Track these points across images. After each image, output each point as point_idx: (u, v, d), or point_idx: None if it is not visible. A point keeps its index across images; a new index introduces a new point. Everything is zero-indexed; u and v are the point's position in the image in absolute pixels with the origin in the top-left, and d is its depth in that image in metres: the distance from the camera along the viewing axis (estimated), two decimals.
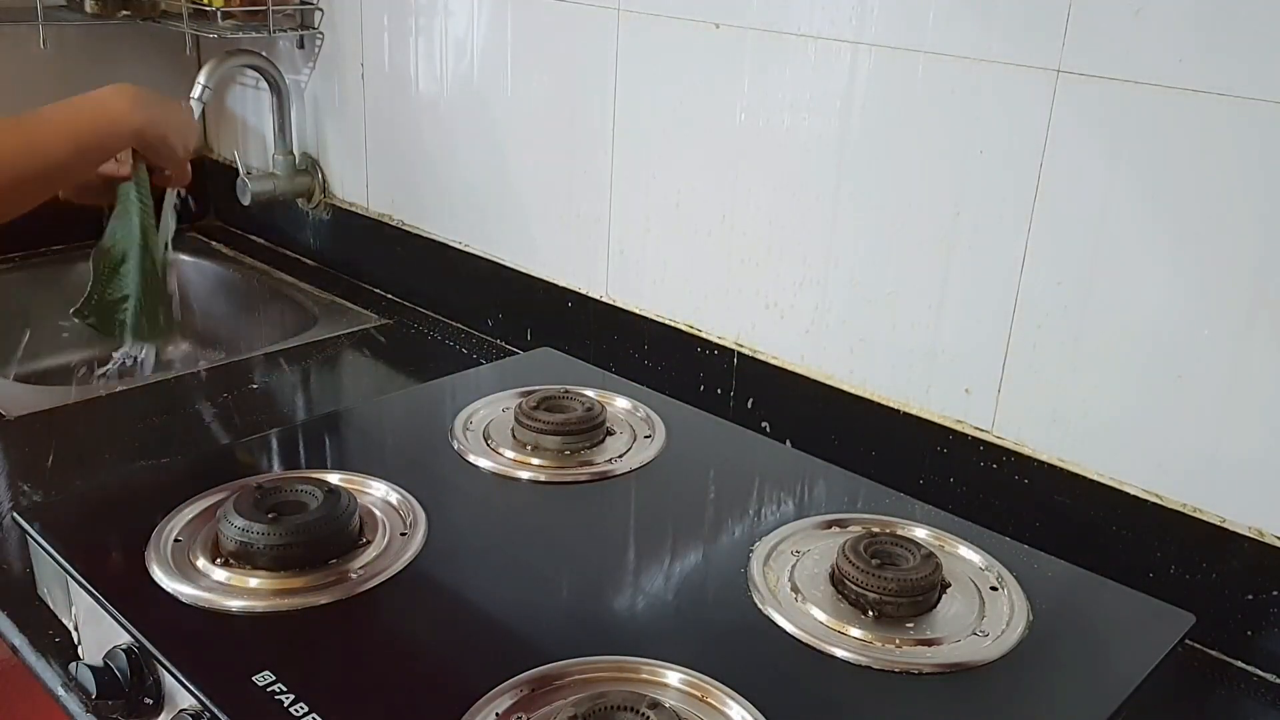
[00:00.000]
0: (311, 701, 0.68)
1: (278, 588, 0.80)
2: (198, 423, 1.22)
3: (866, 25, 1.01)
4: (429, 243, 1.55)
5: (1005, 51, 0.93)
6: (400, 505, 0.91)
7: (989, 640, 0.79)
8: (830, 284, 1.10)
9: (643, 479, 1.00)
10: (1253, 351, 0.85)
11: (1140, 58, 0.86)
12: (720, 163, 1.16)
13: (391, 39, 1.51)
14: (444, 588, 0.83)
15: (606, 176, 1.28)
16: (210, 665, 0.73)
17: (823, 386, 1.13)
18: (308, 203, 1.73)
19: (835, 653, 0.77)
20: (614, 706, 0.66)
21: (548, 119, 1.33)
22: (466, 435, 1.04)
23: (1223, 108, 0.83)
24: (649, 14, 1.18)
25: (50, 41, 1.66)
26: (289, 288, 1.66)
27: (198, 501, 0.89)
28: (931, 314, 1.03)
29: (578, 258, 1.34)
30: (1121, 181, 0.89)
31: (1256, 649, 0.89)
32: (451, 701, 0.69)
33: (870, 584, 0.80)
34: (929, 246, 1.02)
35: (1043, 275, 0.95)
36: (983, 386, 1.01)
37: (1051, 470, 0.98)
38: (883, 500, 0.97)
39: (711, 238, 1.19)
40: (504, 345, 1.46)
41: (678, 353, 1.26)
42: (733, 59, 1.12)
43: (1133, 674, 0.76)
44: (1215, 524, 0.89)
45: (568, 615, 0.81)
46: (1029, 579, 0.85)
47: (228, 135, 1.87)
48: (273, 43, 1.66)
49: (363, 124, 1.60)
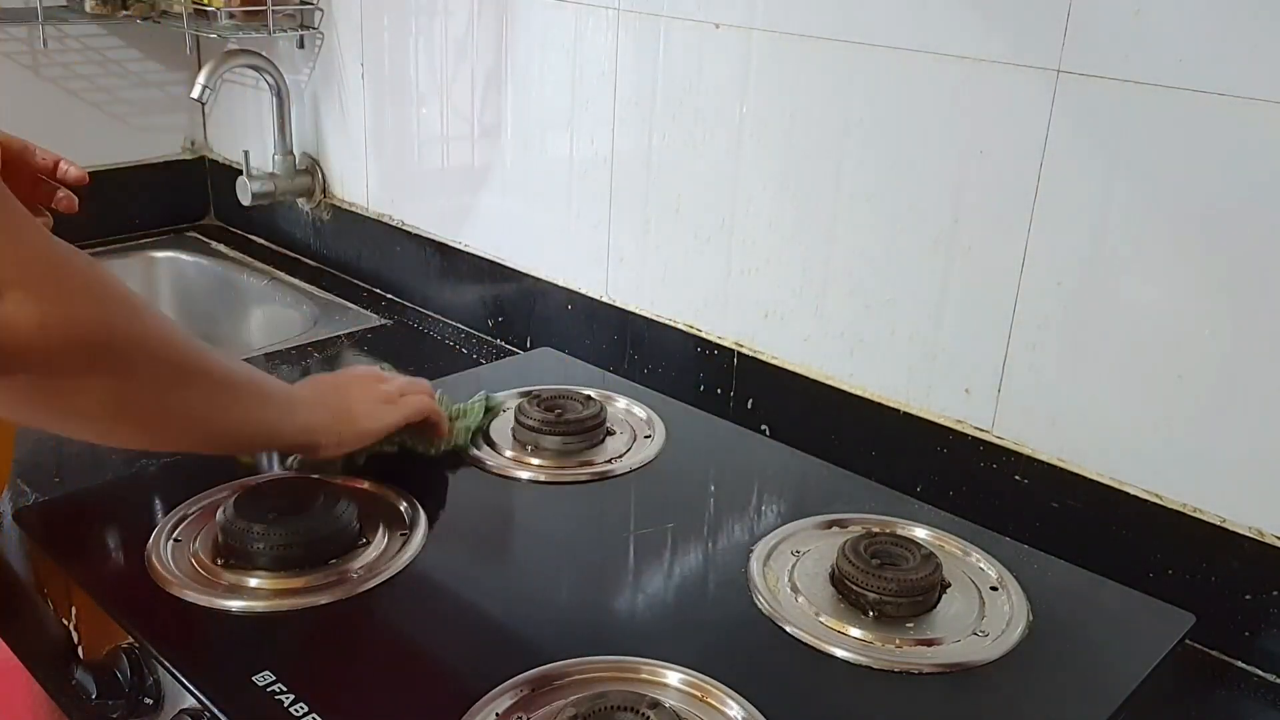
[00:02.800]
0: (311, 701, 0.68)
1: (278, 588, 0.80)
2: None
3: (866, 25, 1.01)
4: (429, 243, 1.55)
5: (1005, 51, 0.93)
6: (400, 505, 0.91)
7: (989, 640, 0.79)
8: (830, 284, 1.10)
9: (643, 479, 1.00)
10: (1253, 352, 0.85)
11: (1140, 58, 0.86)
12: (721, 163, 1.16)
13: (391, 39, 1.51)
14: (444, 588, 0.83)
15: (607, 176, 1.28)
16: (210, 665, 0.73)
17: (823, 386, 1.13)
18: (308, 203, 1.73)
19: (835, 653, 0.77)
20: (614, 706, 0.66)
21: (548, 119, 1.33)
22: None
23: (1223, 108, 0.82)
24: (649, 14, 1.18)
25: (50, 41, 1.66)
26: (289, 288, 1.66)
27: (198, 501, 0.89)
28: (931, 314, 1.03)
29: (578, 257, 1.34)
30: (1121, 181, 0.89)
31: (1256, 649, 0.89)
32: (452, 701, 0.69)
33: (870, 584, 0.80)
34: (929, 247, 1.02)
35: (1043, 275, 0.95)
36: (983, 386, 1.01)
37: (1051, 470, 0.98)
38: (883, 500, 0.97)
39: (712, 238, 1.19)
40: (504, 345, 1.46)
41: (678, 353, 1.26)
42: (733, 59, 1.12)
43: (1133, 674, 0.76)
44: (1215, 524, 0.89)
45: (568, 615, 0.81)
46: (1029, 579, 0.85)
47: (228, 135, 1.87)
48: (273, 43, 1.66)
49: (363, 124, 1.60)
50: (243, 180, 1.66)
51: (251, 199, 1.66)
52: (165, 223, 1.87)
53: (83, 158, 1.43)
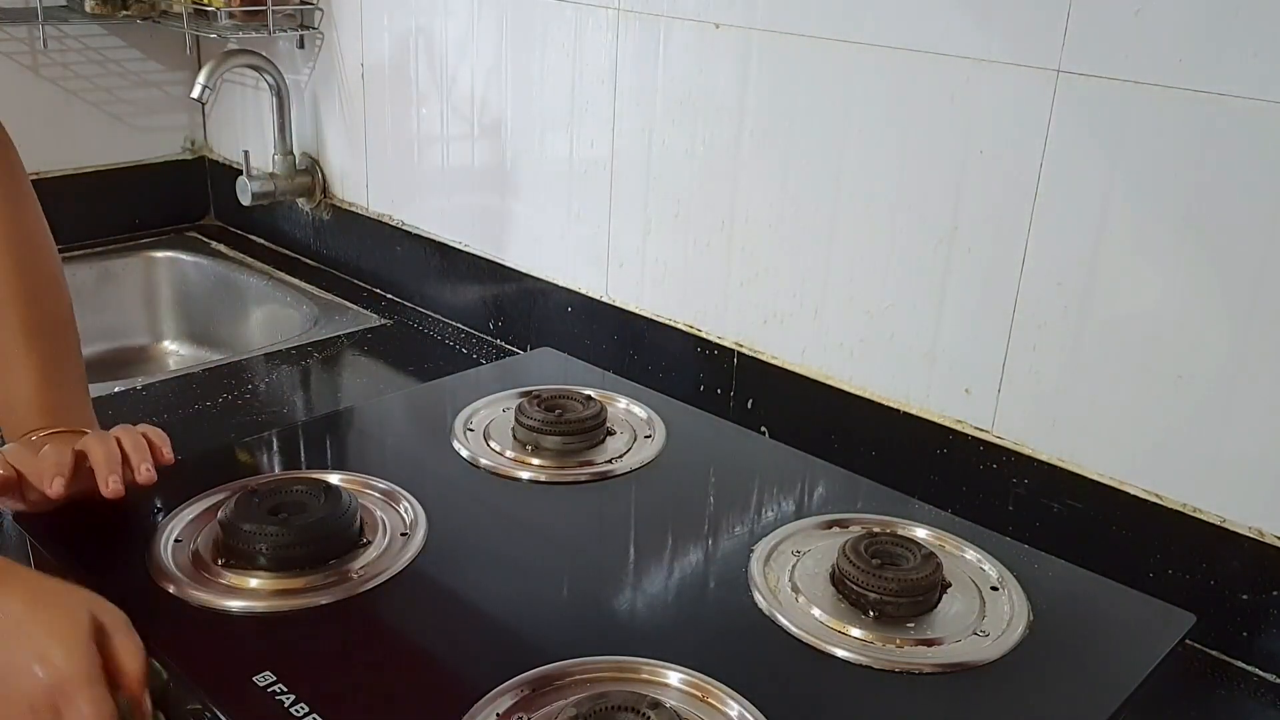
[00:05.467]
0: (311, 701, 0.68)
1: (278, 588, 0.80)
2: (198, 423, 1.22)
3: (866, 25, 1.01)
4: (429, 243, 1.55)
5: (1005, 51, 0.93)
6: (400, 505, 0.91)
7: (989, 640, 0.79)
8: (830, 284, 1.10)
9: (643, 479, 1.00)
10: (1253, 352, 0.85)
11: (1140, 58, 0.86)
12: (721, 163, 1.16)
13: (391, 39, 1.51)
14: (444, 588, 0.83)
15: (607, 176, 1.28)
16: (210, 665, 0.73)
17: (823, 387, 1.13)
18: (308, 203, 1.73)
19: (835, 653, 0.77)
20: (614, 707, 0.66)
21: (548, 119, 1.33)
22: (466, 435, 1.04)
23: (1223, 108, 0.83)
24: (649, 14, 1.18)
25: (50, 41, 1.66)
26: (289, 288, 1.66)
27: (198, 501, 0.89)
28: (931, 314, 1.03)
29: (578, 257, 1.34)
30: (1121, 181, 0.89)
31: (1256, 649, 0.89)
32: (452, 701, 0.69)
33: (870, 584, 0.80)
34: (929, 247, 1.02)
35: (1043, 275, 0.95)
36: (983, 387, 1.01)
37: (1051, 470, 0.98)
38: (883, 500, 0.97)
39: (712, 238, 1.19)
40: (504, 345, 1.46)
41: (678, 353, 1.26)
42: (733, 59, 1.12)
43: (1133, 674, 0.76)
44: (1215, 524, 0.89)
45: (568, 615, 0.81)
46: (1029, 579, 0.85)
47: (228, 135, 1.87)
48: (273, 43, 1.66)
49: (363, 124, 1.60)
50: (243, 180, 1.66)
51: (251, 199, 1.66)
52: (165, 223, 1.87)
53: (83, 158, 1.43)
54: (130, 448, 0.84)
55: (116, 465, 0.82)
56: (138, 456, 0.83)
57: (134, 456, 0.83)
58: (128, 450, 0.83)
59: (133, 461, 0.83)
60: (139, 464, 0.83)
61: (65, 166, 1.72)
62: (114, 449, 0.83)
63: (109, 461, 0.82)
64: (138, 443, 0.84)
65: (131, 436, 0.85)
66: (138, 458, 0.83)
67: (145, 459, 0.83)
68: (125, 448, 0.83)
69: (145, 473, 0.83)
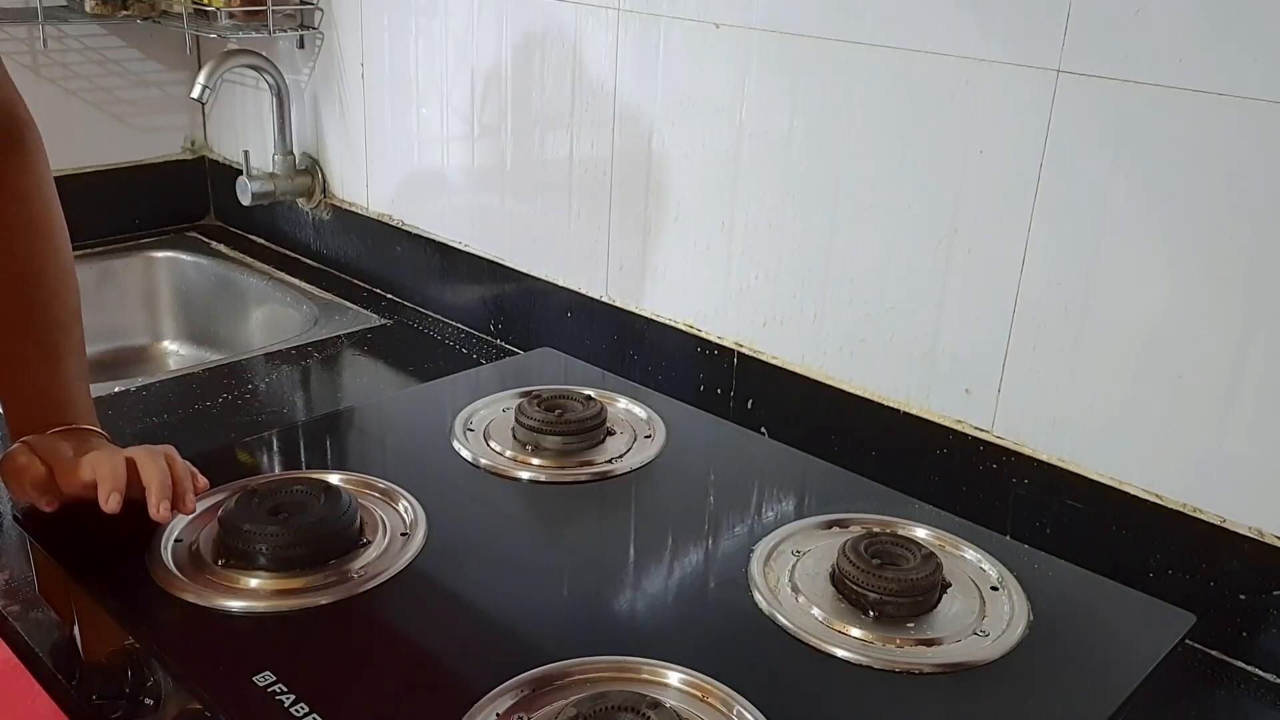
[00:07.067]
0: (311, 701, 0.68)
1: (278, 588, 0.80)
2: (198, 423, 1.22)
3: (866, 25, 1.01)
4: (429, 243, 1.55)
5: (1005, 51, 0.93)
6: (400, 505, 0.91)
7: (989, 640, 0.79)
8: (830, 284, 1.10)
9: (643, 479, 1.00)
10: (1253, 351, 0.85)
11: (1140, 58, 0.86)
12: (720, 163, 1.16)
13: (391, 39, 1.51)
14: (444, 588, 0.83)
15: (607, 176, 1.28)
16: (210, 665, 0.73)
17: (823, 387, 1.13)
18: (308, 203, 1.73)
19: (835, 653, 0.77)
20: (615, 707, 0.66)
21: (548, 119, 1.33)
22: (466, 435, 1.04)
23: (1223, 108, 0.83)
24: (649, 14, 1.18)
25: (50, 41, 1.66)
26: (289, 288, 1.66)
27: (198, 501, 0.89)
28: (931, 314, 1.03)
29: (578, 257, 1.34)
30: (1121, 181, 0.89)
31: (1256, 649, 0.89)
32: (452, 701, 0.69)
33: (871, 584, 0.80)
34: (929, 247, 1.02)
35: (1043, 275, 0.95)
36: (983, 387, 1.01)
37: (1051, 470, 0.98)
38: (883, 500, 0.97)
39: (712, 238, 1.19)
40: (504, 345, 1.46)
41: (678, 353, 1.26)
42: (733, 59, 1.12)
43: (1133, 674, 0.76)
44: (1215, 524, 0.89)
45: (568, 615, 0.81)
46: (1029, 579, 0.85)
47: (228, 135, 1.87)
48: (273, 43, 1.66)
49: (363, 124, 1.60)
50: (243, 180, 1.66)
51: (251, 199, 1.66)
52: (165, 223, 1.87)
53: (83, 158, 1.43)
54: (179, 475, 0.85)
55: (168, 490, 0.83)
56: (184, 485, 0.85)
57: (181, 484, 0.84)
58: (177, 477, 0.85)
59: (180, 488, 0.84)
60: (184, 493, 0.84)
61: (65, 166, 1.72)
62: (166, 471, 0.84)
63: (163, 486, 0.83)
64: (184, 471, 0.86)
65: (179, 464, 0.86)
66: (184, 487, 0.84)
67: (189, 489, 0.85)
68: (175, 474, 0.85)
69: (189, 503, 0.84)
